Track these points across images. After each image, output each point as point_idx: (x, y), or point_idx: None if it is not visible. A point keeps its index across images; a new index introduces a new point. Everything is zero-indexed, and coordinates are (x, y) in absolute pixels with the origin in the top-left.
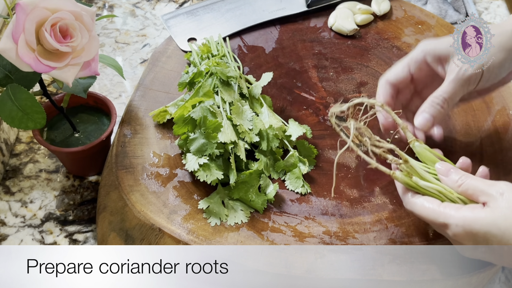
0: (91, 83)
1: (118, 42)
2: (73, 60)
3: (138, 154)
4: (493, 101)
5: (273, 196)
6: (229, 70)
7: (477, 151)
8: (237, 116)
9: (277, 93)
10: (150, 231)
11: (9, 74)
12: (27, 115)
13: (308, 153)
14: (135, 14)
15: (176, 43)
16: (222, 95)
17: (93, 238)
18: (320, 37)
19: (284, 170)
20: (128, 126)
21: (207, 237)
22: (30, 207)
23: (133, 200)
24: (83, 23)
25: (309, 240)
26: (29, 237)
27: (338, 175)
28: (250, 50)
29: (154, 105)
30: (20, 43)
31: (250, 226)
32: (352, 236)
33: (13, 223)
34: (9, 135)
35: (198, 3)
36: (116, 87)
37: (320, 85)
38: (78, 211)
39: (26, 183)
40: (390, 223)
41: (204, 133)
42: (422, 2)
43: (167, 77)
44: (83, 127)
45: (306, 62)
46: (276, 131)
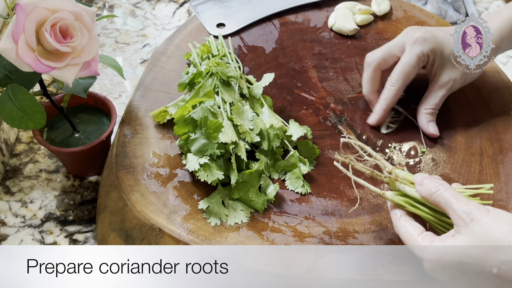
0: (91, 83)
1: (118, 42)
2: (73, 60)
3: (138, 154)
4: (493, 101)
5: (273, 196)
6: (229, 70)
7: (477, 151)
8: (237, 116)
9: (277, 93)
10: (150, 231)
11: (9, 74)
12: (27, 115)
13: (310, 153)
14: (135, 14)
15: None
16: (222, 96)
17: (93, 238)
18: (320, 37)
19: (284, 170)
20: (128, 126)
21: (207, 237)
22: (30, 207)
23: (133, 200)
24: (83, 23)
25: (309, 240)
26: (29, 237)
27: (338, 175)
28: (250, 50)
29: (154, 105)
30: (20, 43)
31: (250, 226)
32: (352, 236)
33: (13, 223)
34: (9, 135)
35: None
36: (116, 87)
37: (320, 85)
38: (78, 211)
39: (26, 183)
40: (390, 223)
41: (205, 133)
42: (422, 2)
43: (167, 77)
44: (83, 127)
45: (306, 62)
46: (277, 131)
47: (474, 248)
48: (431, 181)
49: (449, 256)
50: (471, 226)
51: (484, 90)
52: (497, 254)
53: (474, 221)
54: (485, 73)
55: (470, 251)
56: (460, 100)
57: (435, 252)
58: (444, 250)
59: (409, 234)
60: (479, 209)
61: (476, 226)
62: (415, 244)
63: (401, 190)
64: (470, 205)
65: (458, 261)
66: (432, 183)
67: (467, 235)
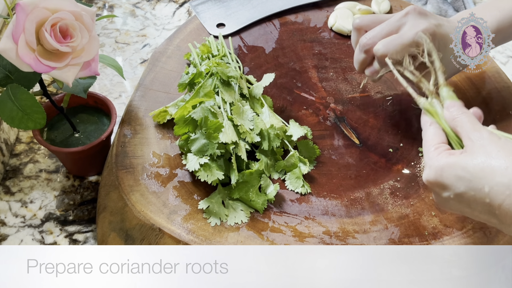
0: (91, 83)
1: (118, 42)
2: (73, 60)
3: (138, 154)
4: (493, 101)
5: (273, 196)
6: (229, 70)
7: None
8: (238, 116)
9: (277, 93)
10: (150, 231)
11: (9, 74)
12: (27, 115)
13: (310, 153)
14: (135, 14)
15: (205, 28)
16: (222, 96)
17: (93, 238)
18: (320, 37)
19: (284, 170)
20: (128, 126)
21: (207, 237)
22: (30, 207)
23: (133, 200)
24: (83, 23)
25: (309, 240)
26: (29, 237)
27: (338, 175)
28: (250, 50)
29: (154, 105)
30: (20, 43)
31: (250, 226)
32: (352, 236)
33: (13, 223)
34: (9, 135)
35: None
36: (116, 87)
37: (320, 85)
38: (78, 211)
39: (26, 183)
40: (390, 223)
41: (205, 133)
42: (422, 2)
43: (167, 77)
44: (83, 127)
45: (306, 62)
46: (277, 131)
47: (473, 165)
48: (458, 109)
49: (449, 168)
50: (478, 147)
51: (484, 90)
52: (494, 175)
53: (482, 142)
54: (485, 73)
55: (469, 166)
56: (460, 100)
57: (437, 162)
58: (446, 162)
59: (428, 140)
60: (491, 134)
61: (482, 148)
62: (428, 150)
63: (433, 106)
64: (483, 130)
65: (455, 174)
66: (458, 110)
67: (471, 153)
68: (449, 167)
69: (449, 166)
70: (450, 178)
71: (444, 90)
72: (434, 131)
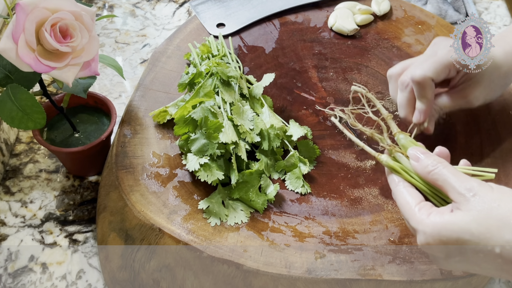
0: (91, 83)
1: (118, 42)
2: (73, 60)
3: (138, 154)
4: (493, 101)
5: (273, 196)
6: (229, 70)
7: (477, 151)
8: (238, 116)
9: (277, 93)
10: (150, 231)
11: (9, 74)
12: (27, 115)
13: (310, 153)
14: (135, 14)
15: (205, 28)
16: (222, 96)
17: (93, 238)
18: (320, 37)
19: (284, 170)
20: (128, 126)
21: (207, 237)
22: (30, 207)
23: (133, 200)
24: (83, 23)
25: (309, 240)
26: (29, 237)
27: (338, 175)
28: (250, 50)
29: (154, 105)
30: (20, 43)
31: (250, 226)
32: (352, 236)
33: (13, 223)
34: (9, 135)
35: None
36: (116, 87)
37: (320, 85)
38: (78, 211)
39: (26, 183)
40: (390, 223)
41: (205, 133)
42: (422, 2)
43: (167, 77)
44: (83, 127)
45: (306, 62)
46: (277, 131)
47: (476, 225)
48: (428, 158)
49: (447, 232)
50: (473, 202)
51: None
52: (502, 233)
53: (477, 196)
54: None
55: (472, 227)
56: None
57: (432, 226)
58: (442, 225)
59: (406, 202)
60: (482, 185)
61: (478, 202)
62: (411, 213)
63: (397, 159)
64: (472, 181)
65: (457, 237)
66: (429, 160)
67: (468, 210)
68: (446, 230)
69: (446, 229)
70: (452, 242)
71: (401, 137)
72: (407, 190)
